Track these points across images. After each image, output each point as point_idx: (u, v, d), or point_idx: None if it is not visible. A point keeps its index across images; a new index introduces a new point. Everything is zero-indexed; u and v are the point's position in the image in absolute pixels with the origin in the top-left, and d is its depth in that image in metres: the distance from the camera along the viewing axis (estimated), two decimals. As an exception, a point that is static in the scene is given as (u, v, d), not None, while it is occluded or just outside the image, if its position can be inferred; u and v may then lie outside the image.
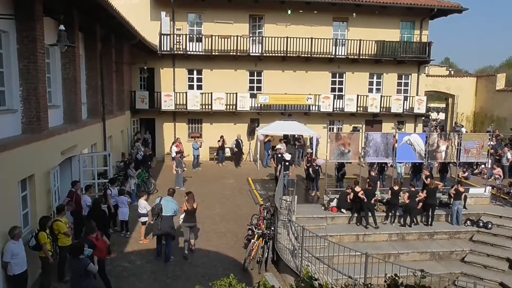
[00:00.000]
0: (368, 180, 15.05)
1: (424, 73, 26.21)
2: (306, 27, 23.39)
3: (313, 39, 22.92)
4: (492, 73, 32.65)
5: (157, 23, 22.13)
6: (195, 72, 23.52)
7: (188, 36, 22.75)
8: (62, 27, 8.50)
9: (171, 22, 22.41)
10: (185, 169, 18.23)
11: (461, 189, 14.61)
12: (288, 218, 12.74)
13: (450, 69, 44.13)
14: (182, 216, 11.59)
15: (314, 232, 11.68)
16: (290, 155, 18.15)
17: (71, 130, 12.23)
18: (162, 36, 22.07)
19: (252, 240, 11.26)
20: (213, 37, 22.28)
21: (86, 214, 11.26)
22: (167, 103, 22.48)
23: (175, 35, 22.52)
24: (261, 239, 11.31)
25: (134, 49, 21.20)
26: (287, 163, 16.63)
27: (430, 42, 24.43)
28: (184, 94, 22.74)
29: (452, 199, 14.89)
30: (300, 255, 10.38)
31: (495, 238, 14.41)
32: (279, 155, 17.24)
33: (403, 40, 24.65)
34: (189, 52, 22.57)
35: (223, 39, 22.40)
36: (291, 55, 22.94)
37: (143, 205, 12.37)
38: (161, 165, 22.10)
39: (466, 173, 19.61)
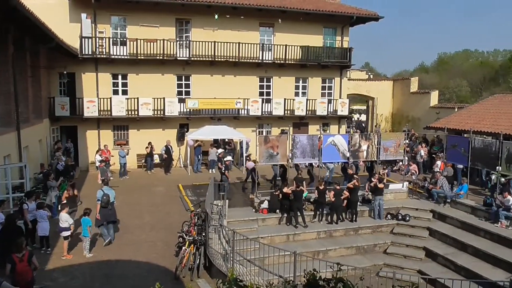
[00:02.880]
0: (295, 181, 15.51)
1: (346, 77, 27.65)
2: (233, 32, 23.60)
3: (241, 44, 23.18)
4: (406, 77, 35.21)
5: (77, 25, 21.00)
6: (119, 76, 22.65)
7: (111, 39, 21.87)
8: (-37, 28, 7.76)
9: (93, 25, 21.40)
10: (111, 178, 17.51)
11: (380, 185, 15.57)
12: (219, 222, 12.71)
13: (370, 73, 46.93)
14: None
15: (245, 235, 11.77)
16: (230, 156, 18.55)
17: (-21, 140, 11.18)
18: (83, 39, 20.98)
19: (183, 247, 11.09)
20: (138, 40, 21.64)
21: (-1, 231, 10.36)
22: (90, 110, 21.38)
23: (97, 38, 21.53)
24: (192, 245, 11.17)
25: (52, 52, 19.91)
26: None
27: (351, 48, 25.83)
28: (109, 99, 21.77)
29: (373, 195, 15.85)
30: (231, 258, 10.39)
31: (413, 229, 15.57)
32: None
33: (326, 45, 25.83)
34: (112, 56, 21.71)
35: (149, 43, 21.85)
36: (219, 59, 22.99)
37: (65, 219, 11.64)
38: (85, 175, 20.97)
39: (386, 170, 20.94)
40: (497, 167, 15.35)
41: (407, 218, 15.81)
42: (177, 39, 23.03)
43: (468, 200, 16.27)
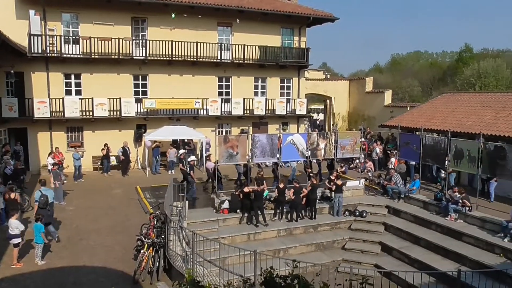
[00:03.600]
0: (255, 180, 15.58)
1: (304, 77, 28.08)
2: (191, 31, 23.35)
3: (199, 43, 22.97)
4: (362, 77, 36.26)
5: (25, 22, 19.97)
6: (72, 76, 21.78)
7: (63, 37, 21.00)
8: None
9: (42, 22, 20.44)
10: (64, 181, 16.86)
11: (339, 182, 15.95)
12: (179, 224, 12.54)
13: (327, 73, 47.83)
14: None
15: (206, 235, 11.72)
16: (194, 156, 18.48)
17: None
18: (32, 37, 19.99)
19: (142, 251, 10.90)
20: (92, 39, 20.92)
21: None
22: (41, 111, 20.42)
23: (47, 36, 20.61)
24: (151, 248, 11.00)
25: (-3, 50, 18.83)
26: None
27: (308, 48, 26.25)
28: (61, 100, 20.87)
29: (333, 193, 16.22)
30: (192, 260, 10.29)
31: (369, 225, 16.07)
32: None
33: (284, 45, 26.12)
34: (64, 55, 20.85)
35: (103, 42, 21.18)
36: (177, 59, 22.67)
37: (15, 225, 11.08)
38: (36, 179, 19.92)
39: (344, 168, 21.48)
40: (446, 163, 16.14)
41: (364, 214, 16.29)
42: (133, 38, 22.48)
43: (420, 195, 16.97)
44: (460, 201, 14.82)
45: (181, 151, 20.08)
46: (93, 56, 21.10)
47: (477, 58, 47.65)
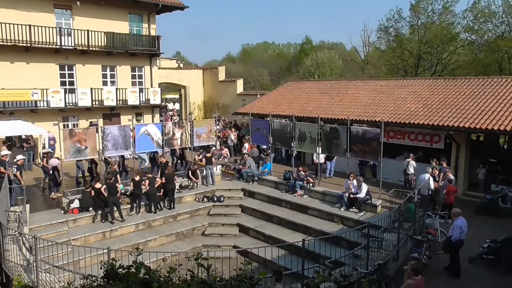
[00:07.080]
0: (107, 174, 14.72)
1: (156, 66, 27.34)
2: (21, 12, 20.46)
3: (32, 27, 20.33)
4: (215, 66, 37.08)
5: None
6: None
7: None
8: None
9: None
10: None
11: (208, 155, 17.49)
12: (19, 231, 11.09)
13: (181, 62, 47.46)
14: None
15: (53, 239, 10.68)
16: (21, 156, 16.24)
17: None
18: None
19: (-31, 268, 9.33)
20: None
21: None
22: None
23: None
24: (-18, 263, 9.48)
25: None
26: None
27: (159, 36, 25.56)
28: None
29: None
30: (35, 268, 9.20)
31: (227, 208, 16.68)
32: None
33: (133, 33, 24.95)
34: None
35: None
36: (5, 43, 19.69)
37: None
38: None
39: (201, 156, 21.74)
40: (292, 145, 17.66)
41: (222, 199, 16.83)
42: None
43: (272, 177, 18.25)
44: (305, 178, 16.41)
45: (2, 152, 17.25)
46: None
47: (316, 50, 52.88)
